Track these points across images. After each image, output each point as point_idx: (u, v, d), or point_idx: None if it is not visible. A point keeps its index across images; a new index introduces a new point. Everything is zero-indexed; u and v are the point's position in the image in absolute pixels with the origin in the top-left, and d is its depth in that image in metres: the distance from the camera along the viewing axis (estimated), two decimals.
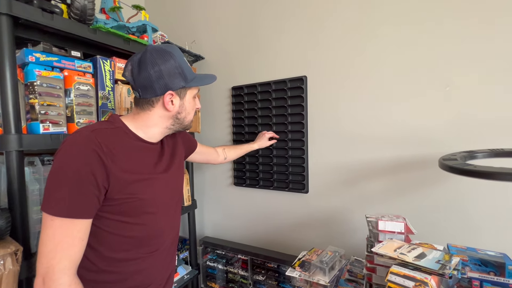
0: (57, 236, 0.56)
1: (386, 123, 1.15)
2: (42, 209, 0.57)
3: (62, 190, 0.57)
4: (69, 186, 0.57)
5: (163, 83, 0.68)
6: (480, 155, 0.84)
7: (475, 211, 1.01)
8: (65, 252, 0.56)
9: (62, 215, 0.56)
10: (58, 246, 0.56)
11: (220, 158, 1.21)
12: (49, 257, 0.56)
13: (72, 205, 0.57)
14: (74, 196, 0.57)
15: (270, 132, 1.37)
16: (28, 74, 0.86)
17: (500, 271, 0.78)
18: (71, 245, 0.57)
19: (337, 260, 1.00)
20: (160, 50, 0.69)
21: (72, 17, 0.96)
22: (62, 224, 0.57)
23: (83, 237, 0.59)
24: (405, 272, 0.67)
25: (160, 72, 0.67)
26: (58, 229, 0.56)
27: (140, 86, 0.68)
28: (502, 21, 0.94)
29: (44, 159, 0.97)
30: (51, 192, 0.57)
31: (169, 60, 0.68)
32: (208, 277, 1.61)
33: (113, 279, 0.68)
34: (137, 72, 0.68)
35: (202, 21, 1.64)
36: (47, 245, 0.56)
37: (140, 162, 0.69)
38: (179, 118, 0.75)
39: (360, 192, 1.22)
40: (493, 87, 0.96)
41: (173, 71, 0.69)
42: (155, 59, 0.67)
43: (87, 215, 0.60)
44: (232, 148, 1.28)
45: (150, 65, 0.66)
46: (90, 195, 0.59)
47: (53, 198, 0.57)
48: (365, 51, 1.18)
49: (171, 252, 0.82)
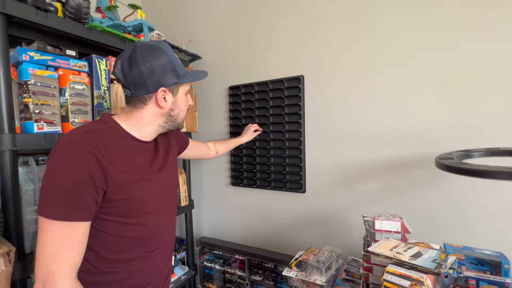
0: (55, 240, 0.55)
1: (383, 122, 1.15)
2: (39, 213, 0.55)
3: (60, 193, 0.55)
4: (67, 189, 0.56)
5: (155, 79, 0.67)
6: (476, 154, 0.84)
7: (472, 210, 1.01)
8: (64, 256, 0.55)
9: (61, 218, 0.55)
10: (57, 250, 0.54)
11: (212, 153, 1.21)
12: (48, 263, 0.54)
13: (71, 208, 0.56)
14: (72, 199, 0.56)
15: (255, 125, 1.41)
16: (22, 73, 0.85)
17: (496, 270, 0.78)
18: (70, 249, 0.56)
19: (334, 260, 1.00)
20: (150, 46, 0.67)
21: (67, 15, 0.95)
22: (61, 228, 0.55)
23: (82, 240, 0.58)
24: (401, 271, 0.67)
25: (151, 68, 0.66)
26: (56, 233, 0.55)
27: (131, 84, 0.67)
28: (500, 22, 0.94)
29: (38, 159, 0.96)
30: (48, 195, 0.56)
31: (160, 56, 0.67)
32: (205, 278, 1.60)
33: (114, 280, 0.68)
34: (128, 69, 0.66)
35: (199, 21, 1.64)
36: (46, 250, 0.54)
37: (136, 162, 0.69)
38: (172, 115, 0.74)
39: (357, 191, 1.22)
40: (489, 86, 0.97)
41: (164, 67, 0.67)
42: (146, 55, 0.65)
43: (86, 217, 0.58)
44: (222, 143, 1.28)
45: (142, 62, 0.65)
46: (88, 198, 0.58)
47: (51, 202, 0.55)
48: (362, 51, 1.18)
49: (169, 251, 0.82)
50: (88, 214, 0.59)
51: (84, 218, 0.58)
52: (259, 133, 1.42)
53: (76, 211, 0.56)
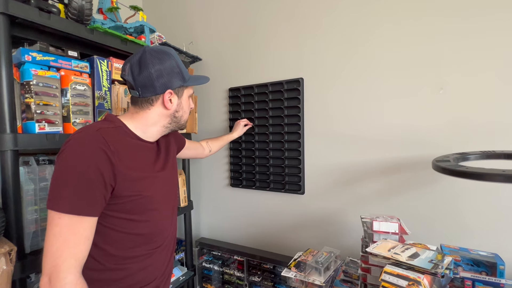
0: (63, 234, 0.56)
1: (381, 125, 1.16)
2: (49, 207, 0.57)
3: (70, 188, 0.57)
4: (77, 183, 0.57)
5: (163, 82, 0.70)
6: (472, 157, 0.85)
7: (467, 212, 1.03)
8: (71, 250, 0.56)
9: (70, 212, 0.57)
10: (64, 244, 0.56)
11: (206, 151, 1.24)
12: (55, 256, 0.55)
13: (80, 202, 0.58)
14: (82, 194, 0.58)
15: (244, 120, 1.43)
16: (24, 73, 0.85)
17: (492, 271, 0.80)
18: (77, 243, 0.57)
19: (332, 261, 1.01)
20: (159, 50, 0.71)
21: (69, 17, 0.96)
22: (70, 221, 0.57)
23: (89, 236, 0.60)
24: (398, 272, 0.68)
25: (160, 71, 0.69)
26: (65, 227, 0.56)
27: (140, 85, 0.70)
28: (495, 28, 0.96)
29: (39, 159, 0.97)
30: (59, 190, 0.58)
31: (168, 60, 0.71)
32: (204, 279, 1.60)
33: (119, 277, 0.69)
34: (137, 71, 0.69)
35: (200, 23, 1.65)
36: (54, 244, 0.56)
37: (141, 161, 0.71)
38: (176, 117, 0.77)
39: (355, 193, 1.23)
40: (486, 91, 0.98)
41: (172, 71, 0.71)
42: (155, 59, 0.69)
43: (94, 212, 0.60)
44: (215, 141, 1.30)
45: (151, 65, 0.68)
46: (97, 193, 0.60)
47: (61, 196, 0.57)
48: (361, 54, 1.19)
49: (171, 249, 0.84)
50: (96, 209, 0.60)
51: (92, 213, 0.60)
52: (249, 127, 1.44)
53: (85, 206, 0.58)
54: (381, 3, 1.14)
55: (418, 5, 1.07)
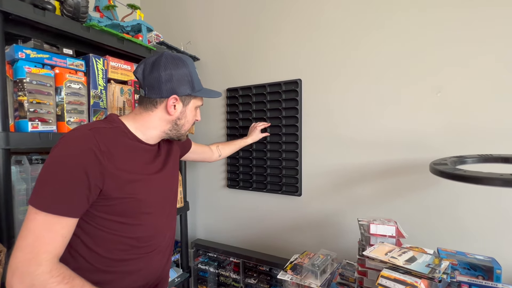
0: (37, 230, 0.55)
1: (379, 127, 1.16)
2: (29, 202, 0.57)
3: (52, 186, 0.57)
4: (60, 182, 0.57)
5: (171, 86, 0.70)
6: (469, 160, 0.85)
7: (465, 216, 1.03)
8: (44, 246, 0.55)
9: (47, 210, 0.56)
10: (37, 241, 0.55)
11: (215, 156, 1.22)
12: (26, 251, 0.54)
13: (59, 202, 0.57)
14: (62, 193, 0.57)
15: (261, 124, 1.36)
16: (18, 70, 0.84)
17: (489, 275, 0.79)
18: (52, 240, 0.56)
19: (329, 264, 1.00)
20: (176, 57, 0.72)
21: (65, 14, 0.94)
22: (46, 219, 0.56)
23: (66, 235, 0.58)
24: (395, 276, 0.68)
25: (170, 75, 0.70)
26: (40, 224, 0.55)
27: (147, 85, 0.70)
28: (494, 32, 0.96)
29: (32, 158, 0.95)
30: (41, 186, 0.57)
31: (181, 67, 0.72)
32: (199, 280, 1.59)
33: (109, 279, 0.68)
34: (148, 71, 0.70)
35: (198, 22, 1.64)
36: (26, 239, 0.55)
37: (137, 162, 0.70)
38: (177, 124, 0.76)
39: (353, 195, 1.23)
40: (484, 94, 0.98)
41: (182, 78, 0.72)
42: (169, 63, 0.70)
43: (73, 214, 0.59)
44: (226, 145, 1.28)
45: (163, 68, 0.69)
46: (79, 194, 0.58)
47: (41, 192, 0.57)
48: (359, 56, 1.19)
49: (168, 253, 0.82)
50: (76, 210, 0.59)
51: (70, 213, 0.58)
52: (268, 134, 1.36)
53: (63, 206, 0.57)
54: (380, 6, 1.14)
55: (418, 7, 1.07)
